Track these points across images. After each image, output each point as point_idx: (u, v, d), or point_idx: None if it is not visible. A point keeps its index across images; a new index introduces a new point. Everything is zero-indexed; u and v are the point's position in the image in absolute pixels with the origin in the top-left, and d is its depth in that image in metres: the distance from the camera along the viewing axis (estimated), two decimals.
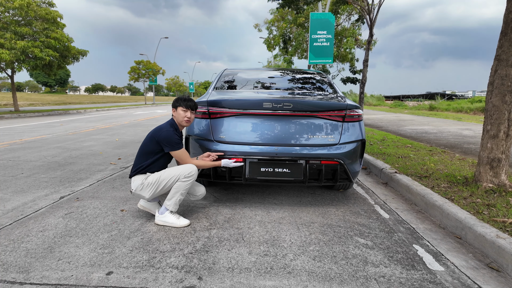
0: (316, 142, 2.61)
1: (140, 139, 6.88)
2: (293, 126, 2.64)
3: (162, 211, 2.39)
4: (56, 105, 24.17)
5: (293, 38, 16.95)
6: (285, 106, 2.58)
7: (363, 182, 3.73)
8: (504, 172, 2.86)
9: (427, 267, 1.85)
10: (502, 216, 2.26)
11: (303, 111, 2.63)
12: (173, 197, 2.35)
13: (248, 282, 1.67)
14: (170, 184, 2.34)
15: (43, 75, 56.95)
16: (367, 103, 28.86)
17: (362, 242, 2.16)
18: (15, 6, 12.39)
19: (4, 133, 7.71)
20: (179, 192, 2.35)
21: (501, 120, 2.79)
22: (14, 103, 15.26)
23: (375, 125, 9.95)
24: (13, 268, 1.75)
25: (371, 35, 7.12)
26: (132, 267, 1.79)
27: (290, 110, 2.60)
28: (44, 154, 5.00)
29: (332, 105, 2.68)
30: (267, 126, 2.65)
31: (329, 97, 3.03)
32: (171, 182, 2.33)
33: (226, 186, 3.41)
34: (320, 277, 1.73)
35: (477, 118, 12.70)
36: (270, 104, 2.58)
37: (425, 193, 2.81)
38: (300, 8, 7.00)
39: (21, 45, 12.20)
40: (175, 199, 2.35)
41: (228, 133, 2.65)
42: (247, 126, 2.66)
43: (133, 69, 37.20)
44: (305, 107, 2.63)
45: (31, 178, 3.64)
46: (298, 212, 2.70)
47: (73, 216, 2.52)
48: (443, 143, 6.02)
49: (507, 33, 2.73)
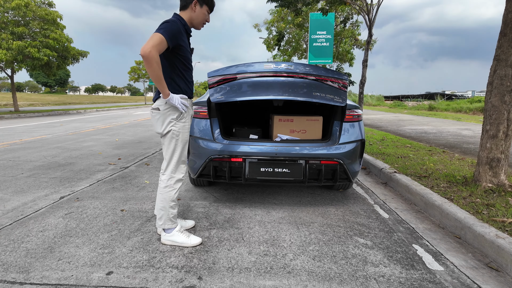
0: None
1: (140, 139, 6.88)
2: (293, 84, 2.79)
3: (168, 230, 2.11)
4: (56, 105, 24.16)
5: (292, 38, 16.96)
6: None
7: (363, 182, 3.73)
8: (504, 172, 2.87)
9: (427, 266, 1.85)
10: (502, 216, 2.26)
11: (302, 73, 2.77)
12: (162, 215, 2.06)
13: (248, 282, 1.68)
14: (180, 149, 2.03)
15: (43, 76, 56.92)
16: (367, 103, 28.88)
17: (362, 242, 2.17)
18: (12, 6, 12.38)
19: (4, 133, 7.70)
20: (167, 206, 2.04)
21: (500, 120, 2.79)
22: (14, 103, 15.26)
23: (375, 125, 9.95)
24: (13, 268, 1.76)
25: (370, 35, 7.12)
26: (132, 267, 1.79)
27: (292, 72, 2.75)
28: (44, 154, 5.01)
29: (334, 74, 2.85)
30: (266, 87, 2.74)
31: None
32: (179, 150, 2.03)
33: (226, 186, 3.42)
34: (319, 276, 1.73)
35: (476, 118, 12.71)
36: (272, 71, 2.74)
37: (425, 193, 2.82)
38: (299, 9, 7.00)
39: (17, 45, 12.19)
40: (166, 216, 2.06)
41: None
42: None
43: (133, 69, 37.22)
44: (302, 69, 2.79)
45: (31, 178, 3.64)
46: (298, 212, 2.70)
47: (73, 216, 2.52)
48: (443, 143, 6.03)
49: (506, 33, 2.73)
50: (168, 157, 2.04)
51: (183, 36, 1.92)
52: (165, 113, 1.95)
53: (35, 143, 6.12)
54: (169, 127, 1.97)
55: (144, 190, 3.25)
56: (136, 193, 3.15)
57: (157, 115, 1.96)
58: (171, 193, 2.04)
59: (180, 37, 1.88)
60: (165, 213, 2.05)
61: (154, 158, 4.94)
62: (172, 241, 2.06)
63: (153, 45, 1.71)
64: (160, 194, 2.05)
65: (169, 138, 2.00)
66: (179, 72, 1.97)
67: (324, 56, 9.30)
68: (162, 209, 2.05)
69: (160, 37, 1.74)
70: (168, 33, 1.78)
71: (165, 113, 1.95)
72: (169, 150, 2.02)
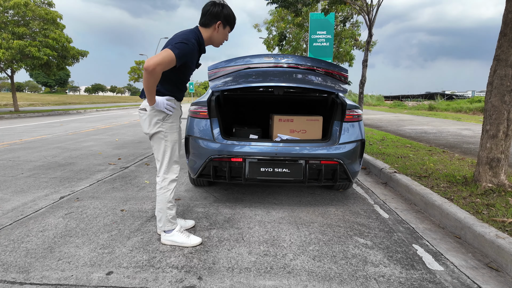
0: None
1: (140, 139, 6.88)
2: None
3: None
4: (56, 105, 24.16)
5: (293, 38, 16.95)
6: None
7: (363, 182, 3.73)
8: (504, 172, 2.87)
9: (427, 266, 1.86)
10: (502, 216, 2.27)
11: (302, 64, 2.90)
12: (161, 217, 2.07)
13: (248, 282, 1.68)
14: (167, 151, 2.00)
15: (43, 75, 56.94)
16: (367, 103, 28.87)
17: (362, 242, 2.17)
18: (11, 5, 12.37)
19: (4, 133, 7.71)
20: (164, 208, 2.05)
21: (500, 120, 2.79)
22: (14, 103, 15.27)
23: (375, 125, 9.95)
24: (13, 268, 1.76)
25: (370, 35, 7.12)
26: (132, 267, 1.79)
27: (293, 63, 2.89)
28: (44, 154, 5.01)
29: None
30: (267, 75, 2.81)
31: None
32: (167, 152, 2.01)
33: (226, 186, 3.42)
34: (320, 276, 1.73)
35: (476, 118, 12.71)
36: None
37: (425, 193, 2.82)
38: (299, 10, 7.00)
39: (17, 44, 12.19)
40: (165, 218, 2.07)
41: None
42: None
43: (133, 69, 37.23)
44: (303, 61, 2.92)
45: (31, 178, 3.64)
46: (298, 212, 2.70)
47: (73, 216, 2.52)
48: (443, 143, 6.03)
49: (506, 33, 2.73)
50: (160, 158, 2.03)
51: (195, 57, 1.92)
52: (151, 113, 1.94)
53: (35, 143, 6.12)
54: (156, 128, 1.96)
55: (144, 190, 3.25)
56: (136, 193, 3.15)
57: (144, 115, 1.96)
58: (167, 194, 2.04)
59: (190, 59, 1.87)
60: (163, 214, 2.06)
61: (154, 158, 4.94)
62: (172, 241, 2.07)
63: (160, 63, 1.68)
64: (157, 196, 2.06)
65: (158, 140, 2.00)
66: (172, 81, 1.96)
67: (324, 56, 9.29)
68: (160, 211, 2.06)
69: (171, 57, 1.72)
70: (181, 54, 1.77)
71: (152, 114, 1.94)
72: (160, 152, 2.02)
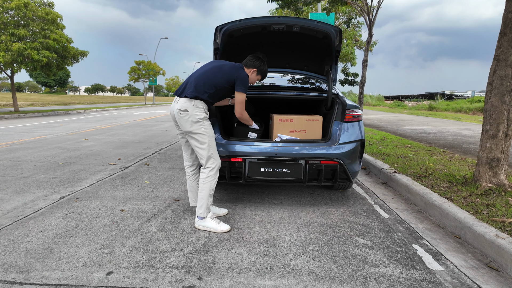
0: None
1: (140, 139, 6.89)
2: None
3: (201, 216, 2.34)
4: (56, 106, 24.15)
5: None
6: None
7: (363, 182, 3.73)
8: (503, 172, 2.87)
9: (427, 266, 1.86)
10: (501, 216, 2.27)
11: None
12: (203, 204, 2.30)
13: (248, 282, 1.68)
14: (206, 149, 2.27)
15: (43, 76, 56.90)
16: (367, 103, 28.87)
17: (362, 242, 2.17)
18: (12, 7, 12.36)
19: (4, 133, 7.70)
20: (207, 195, 2.30)
21: (500, 120, 2.79)
22: (14, 103, 15.25)
23: (375, 125, 9.96)
24: (13, 268, 1.76)
25: (371, 35, 7.12)
26: (132, 267, 1.79)
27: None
28: (44, 155, 5.00)
29: None
30: None
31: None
32: (207, 150, 2.28)
33: (226, 186, 3.42)
34: (319, 276, 1.73)
35: (476, 118, 12.72)
36: None
37: (425, 193, 2.82)
38: (299, 9, 7.01)
39: (17, 47, 12.18)
40: (206, 204, 2.31)
41: None
42: None
43: (133, 69, 37.18)
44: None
45: (31, 178, 3.64)
46: (297, 212, 2.70)
47: (73, 216, 2.52)
48: (443, 143, 6.03)
49: (506, 33, 2.73)
50: (205, 152, 2.28)
51: None
52: (193, 114, 2.23)
53: (35, 143, 6.12)
54: (199, 126, 2.24)
55: (144, 190, 3.25)
56: (136, 193, 3.15)
57: (186, 115, 2.23)
58: (212, 182, 2.31)
59: None
60: (206, 201, 2.29)
61: (154, 158, 4.94)
62: (204, 226, 2.30)
63: (242, 108, 2.39)
64: (201, 184, 2.30)
65: (201, 136, 2.26)
66: (218, 98, 2.41)
67: None
68: (203, 198, 2.29)
69: (244, 98, 2.37)
70: (247, 88, 2.36)
71: (193, 115, 2.23)
72: (204, 146, 2.27)
